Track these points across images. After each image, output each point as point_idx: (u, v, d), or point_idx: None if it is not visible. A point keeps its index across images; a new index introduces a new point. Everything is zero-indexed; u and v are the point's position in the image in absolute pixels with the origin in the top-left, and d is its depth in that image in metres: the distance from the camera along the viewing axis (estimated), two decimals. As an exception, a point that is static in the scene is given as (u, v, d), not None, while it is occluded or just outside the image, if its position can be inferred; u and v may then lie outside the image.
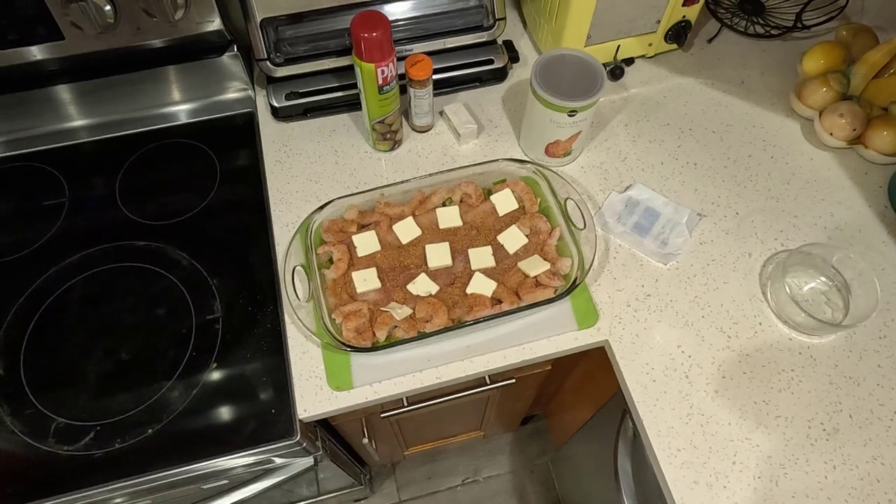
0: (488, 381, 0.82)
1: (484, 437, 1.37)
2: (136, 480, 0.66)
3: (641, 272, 0.77)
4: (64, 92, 0.86)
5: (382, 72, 0.73)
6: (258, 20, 0.80)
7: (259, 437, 0.68)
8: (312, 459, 0.79)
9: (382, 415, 0.83)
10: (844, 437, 0.66)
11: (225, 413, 0.69)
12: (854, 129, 0.82)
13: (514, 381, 0.84)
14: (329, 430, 0.90)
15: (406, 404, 0.82)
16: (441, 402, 0.84)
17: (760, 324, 0.73)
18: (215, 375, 0.71)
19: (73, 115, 0.89)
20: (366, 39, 0.69)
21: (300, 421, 0.69)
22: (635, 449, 0.79)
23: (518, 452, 1.53)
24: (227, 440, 0.68)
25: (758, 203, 0.82)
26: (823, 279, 0.76)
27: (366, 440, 0.92)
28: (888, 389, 0.69)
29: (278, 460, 0.74)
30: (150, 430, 0.68)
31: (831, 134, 0.84)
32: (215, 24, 0.82)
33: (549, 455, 1.52)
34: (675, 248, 0.78)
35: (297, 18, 0.81)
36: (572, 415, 1.16)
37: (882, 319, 0.73)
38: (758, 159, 0.86)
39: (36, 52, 0.79)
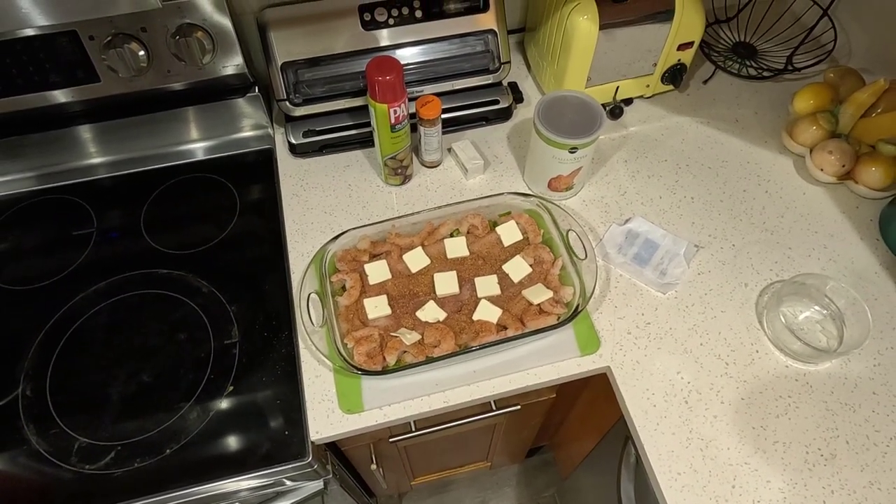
0: (494, 408, 0.85)
1: (490, 467, 1.38)
2: (154, 500, 0.68)
3: (641, 301, 0.80)
4: (94, 130, 0.91)
5: (395, 112, 0.78)
6: (279, 64, 0.86)
7: (272, 458, 0.70)
8: (322, 483, 0.81)
9: (391, 439, 0.85)
10: (841, 463, 0.68)
11: (240, 434, 0.72)
12: (843, 166, 0.86)
13: (519, 407, 0.86)
14: (339, 458, 0.92)
15: (414, 429, 0.84)
16: (448, 428, 0.86)
17: (757, 351, 0.76)
18: (232, 398, 0.74)
19: (102, 152, 0.94)
20: (380, 82, 0.75)
21: (312, 443, 0.71)
22: (638, 474, 0.80)
23: (525, 484, 1.53)
24: (242, 461, 0.70)
25: (753, 235, 0.86)
26: (818, 308, 0.78)
27: (374, 466, 0.94)
28: (883, 416, 0.71)
29: (289, 482, 0.76)
30: (168, 451, 0.71)
31: (822, 170, 0.88)
32: (239, 67, 0.88)
33: (556, 487, 1.51)
34: (673, 278, 0.81)
35: (314, 62, 0.87)
36: (577, 444, 1.17)
37: (876, 347, 0.75)
38: (752, 193, 0.90)
39: (72, 94, 0.85)
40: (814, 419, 0.71)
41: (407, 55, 0.89)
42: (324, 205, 0.90)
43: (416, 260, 0.80)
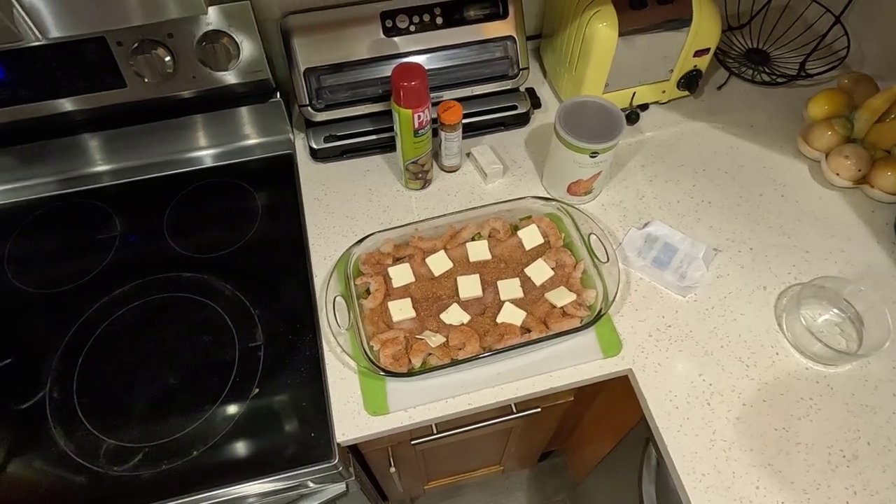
0: (514, 410, 0.85)
1: (503, 472, 1.38)
2: (182, 501, 0.69)
3: (662, 304, 0.81)
4: (117, 135, 0.92)
5: (419, 117, 0.79)
6: (302, 70, 0.87)
7: (298, 459, 0.71)
8: (345, 486, 0.82)
9: (413, 441, 0.85)
10: (864, 464, 0.68)
11: (266, 436, 0.72)
12: (859, 170, 0.87)
13: (538, 410, 0.87)
14: (358, 461, 0.92)
15: (435, 431, 0.84)
16: (468, 431, 0.87)
17: (777, 354, 0.76)
18: (257, 400, 0.75)
19: (124, 156, 0.95)
20: (405, 88, 0.76)
21: (338, 445, 0.71)
22: (659, 476, 0.81)
23: (536, 489, 1.53)
24: (268, 463, 0.71)
25: (771, 239, 0.86)
26: (836, 311, 0.79)
27: (392, 469, 0.94)
28: (904, 418, 0.71)
29: (312, 485, 0.77)
30: (195, 452, 0.71)
31: (838, 174, 0.89)
32: (262, 73, 0.89)
33: (567, 491, 1.52)
34: (693, 281, 0.82)
35: (337, 68, 0.88)
36: (592, 448, 1.17)
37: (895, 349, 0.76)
38: (769, 198, 0.91)
39: (98, 99, 0.86)
40: (835, 421, 0.71)
41: (427, 61, 0.90)
42: (345, 209, 0.91)
43: (438, 263, 0.80)
